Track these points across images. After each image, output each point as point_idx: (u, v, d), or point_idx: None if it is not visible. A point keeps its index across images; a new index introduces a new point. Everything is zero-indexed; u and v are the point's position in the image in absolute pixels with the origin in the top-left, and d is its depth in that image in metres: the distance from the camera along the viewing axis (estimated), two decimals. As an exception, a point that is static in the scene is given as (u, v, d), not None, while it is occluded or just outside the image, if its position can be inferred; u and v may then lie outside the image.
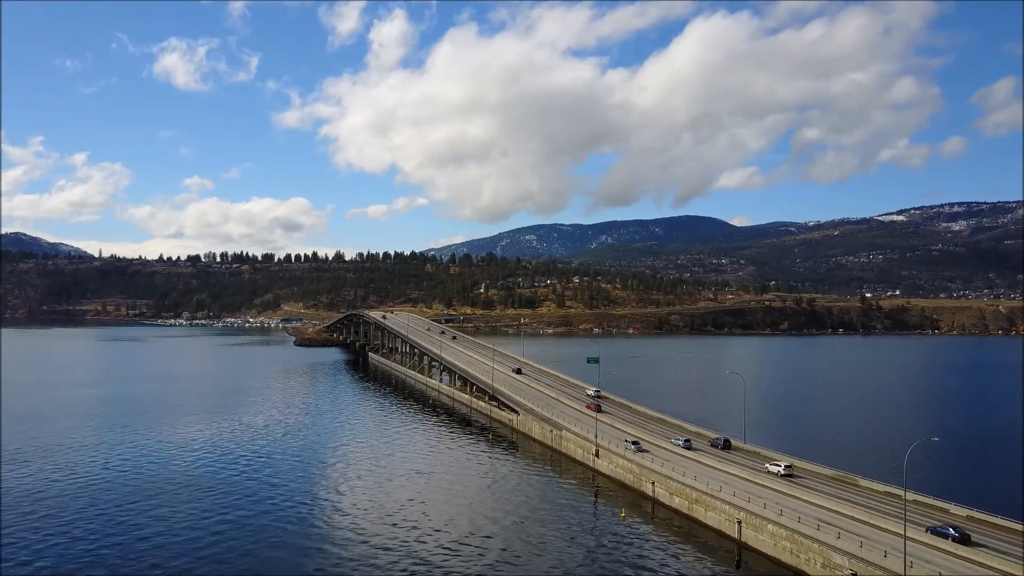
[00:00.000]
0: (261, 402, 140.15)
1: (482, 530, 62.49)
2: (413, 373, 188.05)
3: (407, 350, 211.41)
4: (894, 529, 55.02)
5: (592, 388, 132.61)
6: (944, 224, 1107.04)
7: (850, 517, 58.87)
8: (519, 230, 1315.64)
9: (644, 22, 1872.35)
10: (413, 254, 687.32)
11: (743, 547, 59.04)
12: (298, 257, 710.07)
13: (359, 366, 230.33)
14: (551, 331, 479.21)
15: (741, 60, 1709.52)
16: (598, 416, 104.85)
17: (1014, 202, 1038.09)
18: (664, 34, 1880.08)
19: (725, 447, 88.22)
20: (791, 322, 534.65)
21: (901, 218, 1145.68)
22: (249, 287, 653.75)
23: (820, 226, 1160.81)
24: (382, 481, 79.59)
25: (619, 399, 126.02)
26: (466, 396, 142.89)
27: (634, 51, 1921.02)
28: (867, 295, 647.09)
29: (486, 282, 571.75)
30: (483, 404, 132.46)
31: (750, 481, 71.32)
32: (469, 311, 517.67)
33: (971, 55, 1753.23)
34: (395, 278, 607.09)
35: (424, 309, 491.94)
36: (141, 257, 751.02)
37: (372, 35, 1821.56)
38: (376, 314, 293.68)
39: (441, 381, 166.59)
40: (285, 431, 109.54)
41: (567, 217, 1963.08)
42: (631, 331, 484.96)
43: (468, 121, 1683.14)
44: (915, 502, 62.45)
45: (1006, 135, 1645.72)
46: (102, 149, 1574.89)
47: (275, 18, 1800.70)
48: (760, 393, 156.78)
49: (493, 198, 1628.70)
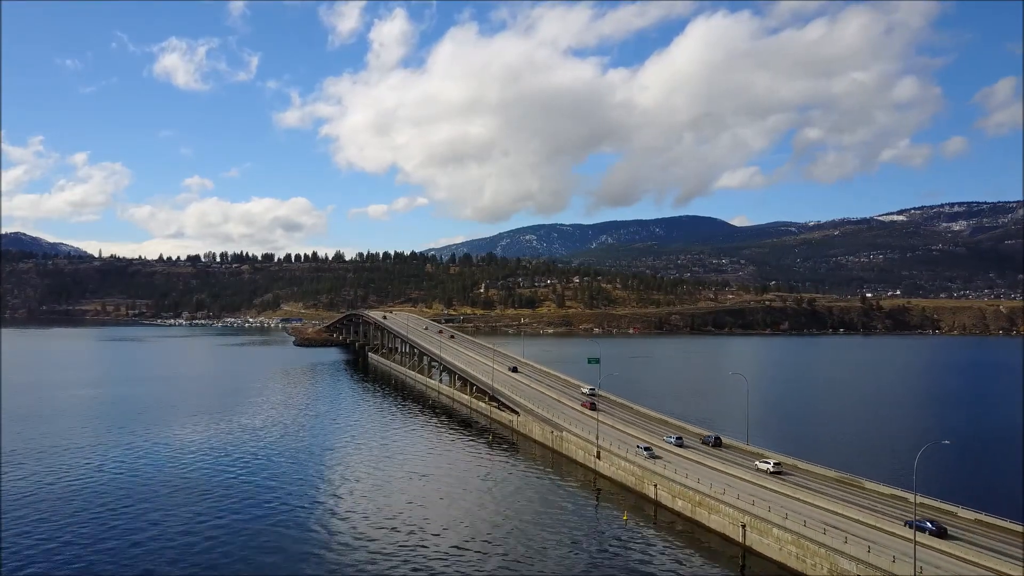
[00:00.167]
0: (260, 403, 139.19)
1: (483, 534, 61.54)
2: (413, 373, 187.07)
3: (407, 350, 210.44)
4: (902, 533, 54.11)
5: (587, 386, 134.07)
6: (945, 224, 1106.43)
7: (856, 521, 57.86)
8: (519, 230, 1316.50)
9: (645, 21, 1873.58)
10: (413, 254, 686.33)
11: (748, 551, 58.01)
12: (298, 257, 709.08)
13: (358, 366, 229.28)
14: (551, 331, 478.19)
15: (742, 60, 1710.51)
16: (592, 413, 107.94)
17: (1015, 202, 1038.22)
18: (665, 33, 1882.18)
19: (716, 445, 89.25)
20: (791, 322, 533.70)
21: (902, 218, 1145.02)
22: (249, 287, 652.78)
23: (821, 226, 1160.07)
24: (381, 483, 78.67)
25: (613, 397, 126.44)
26: (466, 396, 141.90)
27: (635, 51, 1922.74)
28: (867, 295, 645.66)
29: (486, 282, 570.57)
30: (483, 405, 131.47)
31: (749, 481, 70.33)
32: (469, 311, 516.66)
33: (972, 55, 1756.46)
34: (395, 278, 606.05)
35: (424, 309, 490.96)
36: (141, 257, 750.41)
37: (372, 34, 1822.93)
38: (376, 314, 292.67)
39: (441, 381, 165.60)
40: (283, 432, 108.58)
41: (567, 217, 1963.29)
42: (631, 331, 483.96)
43: (469, 121, 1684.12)
44: (922, 505, 61.45)
45: (1007, 135, 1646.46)
46: (102, 149, 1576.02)
47: (275, 17, 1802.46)
48: (761, 393, 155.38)
49: (493, 198, 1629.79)
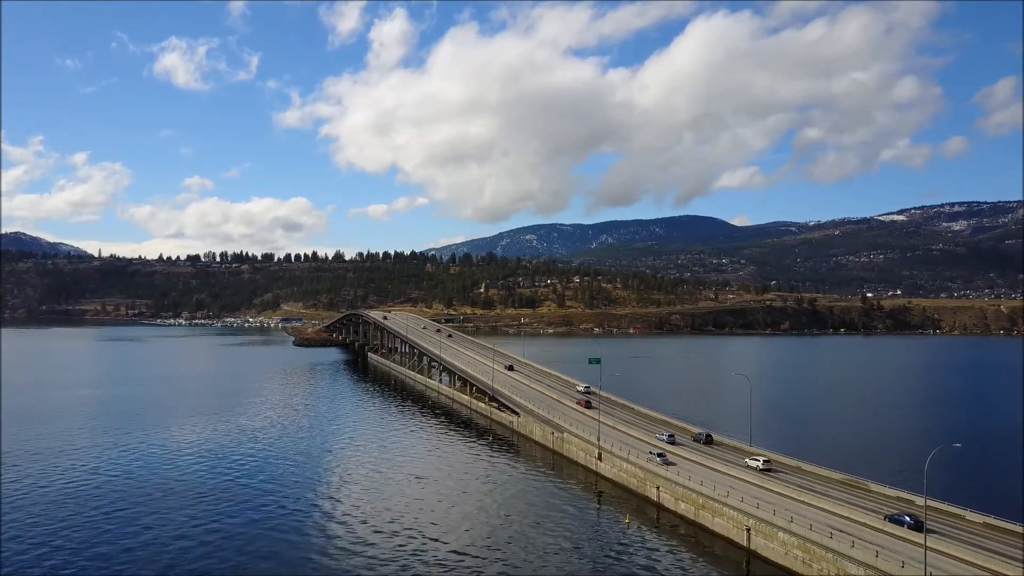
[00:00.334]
0: (258, 403, 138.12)
1: (483, 539, 60.48)
2: (412, 373, 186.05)
3: (406, 350, 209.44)
4: (911, 538, 53.11)
5: (582, 384, 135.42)
6: (945, 224, 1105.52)
7: (863, 524, 56.85)
8: (519, 230, 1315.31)
9: (645, 21, 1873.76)
10: (413, 254, 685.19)
11: (752, 555, 56.91)
12: (298, 257, 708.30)
13: (358, 366, 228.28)
14: (551, 331, 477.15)
15: (742, 59, 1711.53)
16: (590, 412, 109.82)
17: (1015, 202, 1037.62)
18: (665, 33, 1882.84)
19: (707, 442, 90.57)
20: (792, 322, 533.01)
21: (902, 218, 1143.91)
22: (249, 287, 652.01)
23: (821, 226, 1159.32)
24: (380, 486, 77.60)
25: (607, 395, 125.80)
26: (466, 397, 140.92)
27: (635, 50, 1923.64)
28: (868, 295, 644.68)
29: (486, 282, 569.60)
30: (483, 405, 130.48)
31: (754, 484, 69.39)
32: (469, 311, 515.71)
33: (973, 55, 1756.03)
34: (395, 278, 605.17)
35: (424, 309, 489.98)
36: (141, 257, 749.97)
37: (372, 34, 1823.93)
38: (376, 314, 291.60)
39: (440, 382, 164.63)
40: (281, 433, 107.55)
41: (567, 217, 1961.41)
42: (632, 331, 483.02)
43: (469, 121, 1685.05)
44: (931, 508, 60.43)
45: (1007, 135, 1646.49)
46: (102, 149, 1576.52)
47: (275, 17, 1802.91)
48: (762, 393, 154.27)
49: (493, 198, 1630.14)
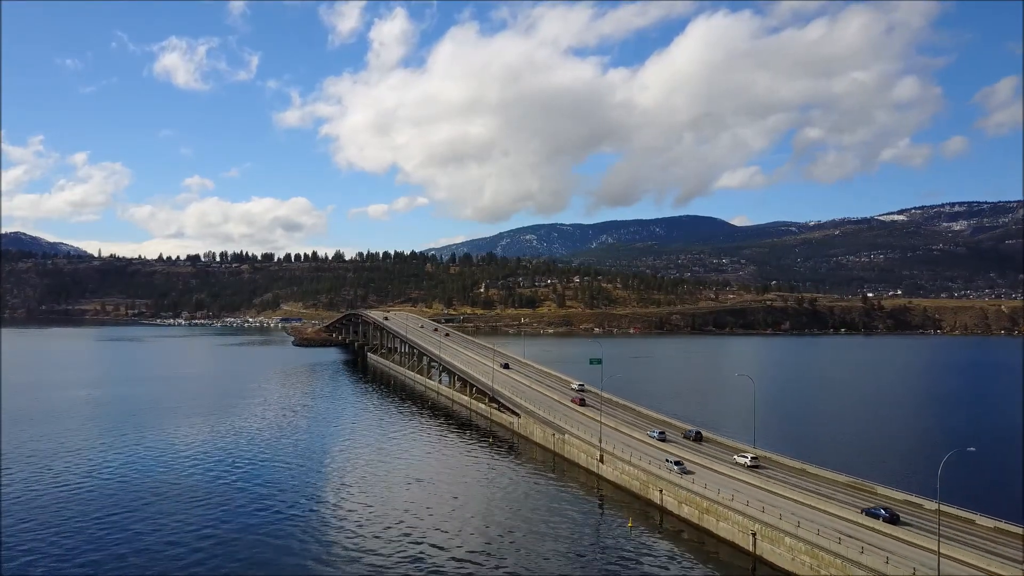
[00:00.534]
0: (256, 404, 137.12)
1: (484, 545, 59.38)
2: (412, 374, 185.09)
3: (406, 350, 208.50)
4: (919, 542, 52.17)
5: (576, 382, 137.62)
6: (945, 224, 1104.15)
7: (871, 529, 55.90)
8: (519, 230, 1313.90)
9: (645, 21, 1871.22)
10: (413, 254, 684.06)
11: (758, 560, 55.90)
12: (298, 257, 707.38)
13: (357, 367, 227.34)
14: (552, 331, 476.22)
15: (743, 59, 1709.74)
16: (588, 411, 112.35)
17: (1015, 202, 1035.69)
18: (665, 33, 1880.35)
19: (696, 439, 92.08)
20: (792, 322, 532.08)
21: (902, 218, 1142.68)
22: (249, 287, 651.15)
23: (821, 226, 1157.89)
24: (379, 489, 76.48)
25: (601, 392, 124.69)
26: (465, 397, 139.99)
27: (635, 50, 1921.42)
28: (868, 295, 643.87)
29: (486, 282, 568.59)
30: (483, 406, 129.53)
31: (759, 487, 68.47)
32: (469, 311, 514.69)
33: (973, 55, 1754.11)
34: (395, 278, 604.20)
35: (424, 309, 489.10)
36: (140, 257, 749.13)
37: (373, 34, 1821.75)
38: (377, 314, 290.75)
39: (440, 382, 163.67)
40: (279, 435, 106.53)
41: (567, 217, 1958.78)
42: (632, 331, 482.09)
43: (469, 121, 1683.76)
44: (936, 511, 59.55)
45: (1007, 135, 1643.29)
46: (102, 149, 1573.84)
47: (275, 17, 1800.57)
48: (764, 393, 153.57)
49: (493, 198, 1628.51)
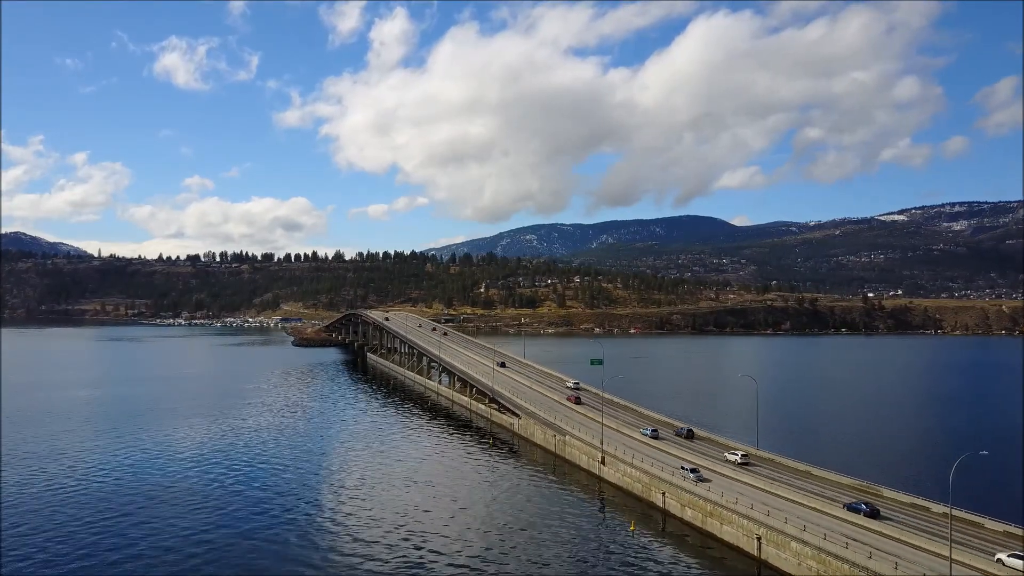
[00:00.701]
0: (255, 405, 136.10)
1: (485, 549, 58.31)
2: (412, 374, 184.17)
3: (406, 350, 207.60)
4: (928, 547, 51.24)
5: (571, 380, 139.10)
6: (945, 224, 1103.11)
7: (879, 533, 54.89)
8: (519, 230, 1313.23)
9: (646, 21, 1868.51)
10: (413, 254, 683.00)
11: (763, 565, 54.96)
12: (298, 257, 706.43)
13: (357, 367, 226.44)
14: (552, 331, 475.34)
15: (743, 59, 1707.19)
16: (578, 408, 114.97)
17: (1015, 202, 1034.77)
18: (666, 33, 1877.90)
19: (688, 436, 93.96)
20: (793, 322, 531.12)
21: (902, 218, 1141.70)
22: (248, 287, 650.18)
23: (821, 226, 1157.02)
24: (378, 493, 75.39)
25: (596, 391, 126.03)
26: (465, 398, 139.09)
27: (635, 50, 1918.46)
28: (869, 295, 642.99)
29: (486, 282, 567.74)
30: (483, 407, 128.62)
31: (763, 490, 67.54)
32: (469, 311, 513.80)
33: (973, 54, 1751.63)
34: (395, 278, 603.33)
35: (424, 309, 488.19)
36: (140, 257, 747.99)
37: (373, 34, 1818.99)
38: (377, 314, 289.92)
39: (440, 383, 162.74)
40: (277, 437, 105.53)
41: (568, 217, 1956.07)
42: (632, 331, 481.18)
43: (469, 121, 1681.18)
44: (943, 515, 58.71)
45: (1007, 135, 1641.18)
46: (102, 149, 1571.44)
47: (276, 17, 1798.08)
48: (765, 394, 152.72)
49: (494, 198, 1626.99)
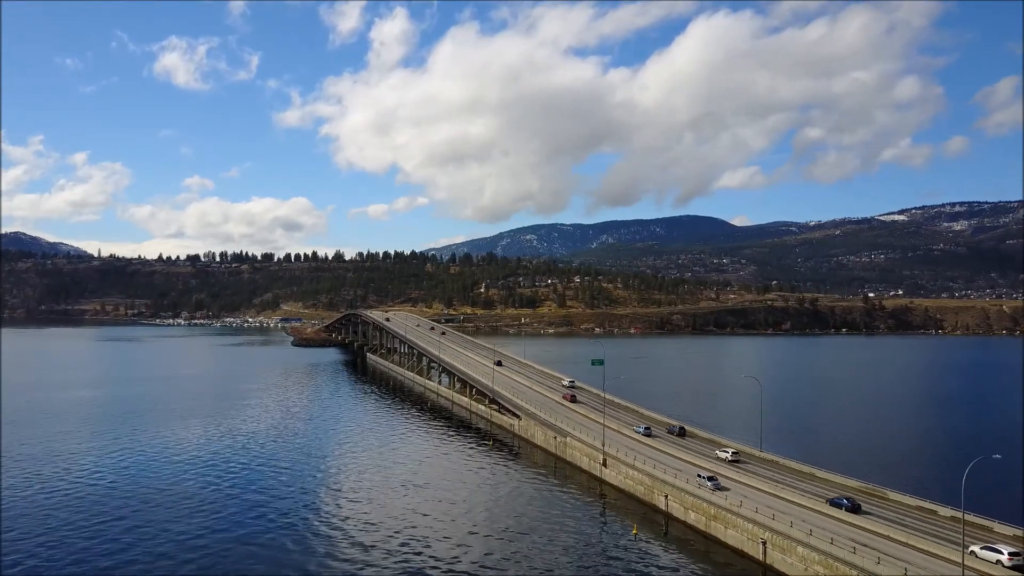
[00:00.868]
0: (253, 406, 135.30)
1: (485, 554, 57.44)
2: (411, 375, 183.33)
3: (405, 351, 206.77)
4: (936, 551, 50.40)
5: (567, 379, 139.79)
6: (946, 224, 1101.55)
7: (886, 537, 53.98)
8: (520, 230, 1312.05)
9: (646, 21, 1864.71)
10: (413, 254, 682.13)
11: (769, 570, 54.08)
12: (298, 257, 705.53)
13: (357, 367, 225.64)
14: (552, 331, 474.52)
15: (743, 59, 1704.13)
16: (573, 406, 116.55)
17: (1015, 202, 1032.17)
18: (666, 33, 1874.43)
19: (680, 434, 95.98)
20: (793, 322, 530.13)
21: (902, 218, 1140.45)
22: (248, 287, 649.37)
23: (821, 226, 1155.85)
24: (377, 497, 74.37)
25: (591, 389, 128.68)
26: (465, 399, 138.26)
27: (636, 50, 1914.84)
28: (869, 295, 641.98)
29: (486, 282, 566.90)
30: (483, 408, 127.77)
31: (768, 493, 66.73)
32: (469, 311, 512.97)
33: (973, 54, 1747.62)
34: (395, 278, 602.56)
35: (424, 309, 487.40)
36: (140, 257, 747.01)
37: (373, 34, 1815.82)
38: (378, 314, 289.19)
39: (440, 383, 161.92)
40: (275, 438, 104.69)
41: (568, 217, 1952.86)
42: (633, 331, 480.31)
43: (469, 121, 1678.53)
44: (952, 518, 57.91)
45: (1008, 135, 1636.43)
46: (102, 149, 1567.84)
47: (276, 17, 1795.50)
48: (765, 394, 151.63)
49: (494, 198, 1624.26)
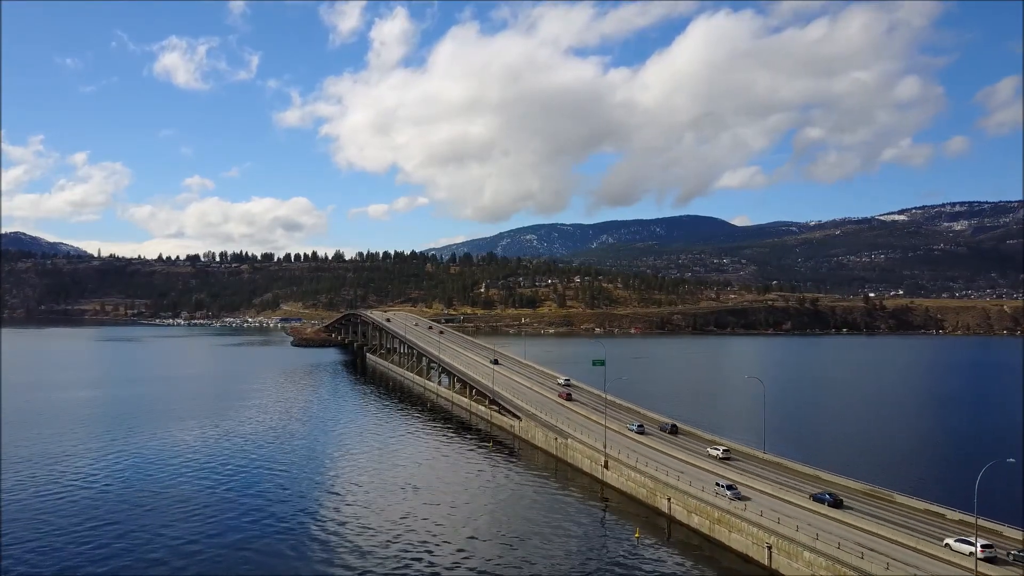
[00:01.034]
0: (252, 407, 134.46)
1: (485, 558, 56.66)
2: (411, 375, 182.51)
3: (405, 351, 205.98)
4: (945, 557, 49.55)
5: (562, 377, 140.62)
6: (946, 224, 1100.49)
7: (893, 541, 53.06)
8: (520, 230, 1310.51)
9: (646, 21, 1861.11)
10: (413, 253, 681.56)
11: (774, 575, 53.27)
12: (298, 257, 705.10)
13: (356, 367, 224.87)
14: (552, 331, 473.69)
15: (744, 59, 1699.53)
16: (569, 405, 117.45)
17: (1016, 202, 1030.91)
18: (666, 33, 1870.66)
19: (672, 432, 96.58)
20: (794, 322, 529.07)
21: (903, 218, 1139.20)
22: (248, 287, 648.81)
23: (821, 226, 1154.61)
24: (376, 500, 73.47)
25: (586, 387, 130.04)
26: (465, 400, 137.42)
27: (636, 50, 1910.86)
28: (870, 295, 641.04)
29: (487, 282, 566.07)
30: (483, 409, 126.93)
31: (772, 495, 65.87)
32: (469, 311, 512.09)
33: (974, 54, 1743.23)
34: (395, 278, 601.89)
35: (424, 309, 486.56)
36: (140, 257, 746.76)
37: (373, 33, 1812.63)
38: (377, 314, 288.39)
39: (440, 384, 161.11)
40: (274, 440, 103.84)
41: (568, 217, 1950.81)
42: (633, 331, 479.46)
43: (469, 120, 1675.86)
44: (964, 523, 57.04)
45: (1008, 135, 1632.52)
46: (102, 148, 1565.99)
47: (276, 16, 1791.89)
48: (764, 394, 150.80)
49: (494, 198, 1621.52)
